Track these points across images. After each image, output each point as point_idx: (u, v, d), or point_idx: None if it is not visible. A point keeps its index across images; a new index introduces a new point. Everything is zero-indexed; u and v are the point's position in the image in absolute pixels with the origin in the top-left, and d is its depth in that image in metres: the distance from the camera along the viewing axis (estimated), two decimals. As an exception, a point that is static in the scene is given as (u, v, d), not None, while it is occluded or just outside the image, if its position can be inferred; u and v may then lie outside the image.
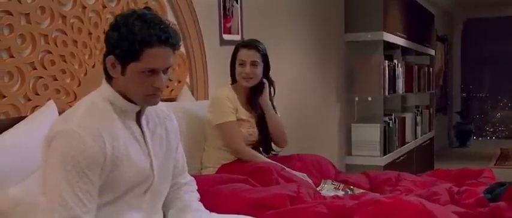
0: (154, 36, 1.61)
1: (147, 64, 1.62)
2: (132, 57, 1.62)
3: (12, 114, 2.11)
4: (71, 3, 2.37)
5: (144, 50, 1.61)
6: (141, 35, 1.60)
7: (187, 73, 3.09)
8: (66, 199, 1.55)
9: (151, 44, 1.61)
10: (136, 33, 1.60)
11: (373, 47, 5.12)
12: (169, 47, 1.65)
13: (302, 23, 4.47)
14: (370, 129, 5.14)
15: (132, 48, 1.60)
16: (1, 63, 2.08)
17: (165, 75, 1.69)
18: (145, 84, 1.65)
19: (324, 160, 2.79)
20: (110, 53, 1.65)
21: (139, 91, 1.66)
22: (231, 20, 3.52)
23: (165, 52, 1.64)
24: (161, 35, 1.62)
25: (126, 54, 1.62)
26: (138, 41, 1.60)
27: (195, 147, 2.70)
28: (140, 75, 1.64)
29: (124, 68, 1.64)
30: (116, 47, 1.63)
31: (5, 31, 2.09)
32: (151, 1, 2.82)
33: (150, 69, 1.63)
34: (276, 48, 4.05)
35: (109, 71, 1.68)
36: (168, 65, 1.68)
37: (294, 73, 4.39)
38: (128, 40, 1.60)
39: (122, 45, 1.61)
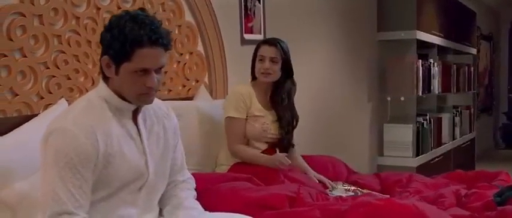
0: (145, 37, 1.64)
1: (139, 64, 1.66)
2: (124, 57, 1.65)
3: (24, 112, 2.20)
4: (84, 4, 2.44)
5: (135, 50, 1.64)
6: (131, 35, 1.63)
7: (206, 72, 3.13)
8: (59, 194, 1.61)
9: (142, 44, 1.64)
10: (127, 33, 1.63)
11: (406, 45, 5.03)
12: (161, 47, 1.68)
13: (332, 22, 4.44)
14: (402, 130, 5.06)
15: (124, 49, 1.64)
16: (14, 62, 2.16)
17: (158, 75, 1.72)
18: (138, 84, 1.69)
19: (337, 161, 2.77)
20: (105, 53, 1.70)
21: (133, 90, 1.70)
22: (252, 19, 3.54)
23: (156, 52, 1.67)
24: (152, 35, 1.65)
25: (119, 54, 1.66)
26: (129, 41, 1.64)
27: (209, 146, 2.72)
28: (133, 75, 1.68)
29: (117, 68, 1.68)
30: (109, 47, 1.68)
31: (17, 32, 2.17)
32: (168, 1, 2.87)
33: (141, 69, 1.67)
34: (302, 48, 4.05)
35: (104, 71, 1.73)
36: (160, 65, 1.71)
37: (323, 72, 4.37)
38: (119, 41, 1.64)
39: (114, 46, 1.65)
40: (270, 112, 2.69)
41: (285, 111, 2.71)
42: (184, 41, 2.98)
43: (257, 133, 2.64)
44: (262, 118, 2.66)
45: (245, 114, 2.65)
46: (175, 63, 2.93)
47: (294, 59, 3.91)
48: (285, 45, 2.76)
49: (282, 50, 2.71)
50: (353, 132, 4.85)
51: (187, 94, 3.00)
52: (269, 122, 2.68)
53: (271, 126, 2.68)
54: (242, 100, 2.65)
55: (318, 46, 4.30)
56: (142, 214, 1.81)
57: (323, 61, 4.38)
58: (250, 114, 2.66)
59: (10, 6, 2.15)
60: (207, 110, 2.77)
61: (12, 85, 2.16)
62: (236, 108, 2.63)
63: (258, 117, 2.66)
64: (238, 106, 2.63)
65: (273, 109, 2.72)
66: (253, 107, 2.67)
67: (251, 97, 2.68)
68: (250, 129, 2.64)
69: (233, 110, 2.62)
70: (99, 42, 1.75)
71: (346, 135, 4.72)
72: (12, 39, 2.15)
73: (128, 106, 1.75)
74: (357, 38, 4.81)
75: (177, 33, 2.93)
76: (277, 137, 2.69)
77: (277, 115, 2.71)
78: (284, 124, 2.71)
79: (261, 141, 2.66)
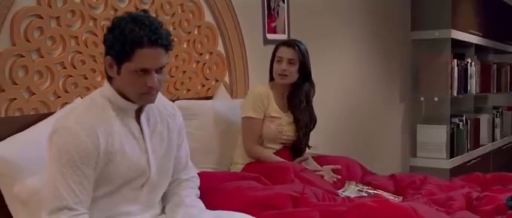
0: (145, 37, 1.68)
1: (139, 64, 1.70)
2: (125, 57, 1.70)
3: (41, 110, 2.28)
4: (102, 6, 2.51)
5: (135, 51, 1.69)
6: (131, 36, 1.68)
7: (226, 72, 3.16)
8: (60, 190, 1.67)
9: (142, 44, 1.68)
10: (127, 34, 1.68)
11: (441, 45, 4.93)
12: (161, 47, 1.72)
13: (362, 22, 4.40)
14: (436, 130, 4.97)
15: (124, 49, 1.69)
16: (31, 63, 2.25)
17: (159, 75, 1.76)
18: (139, 83, 1.73)
19: (351, 161, 2.75)
20: (107, 54, 1.75)
21: (134, 90, 1.75)
22: (276, 19, 3.55)
23: (156, 52, 1.71)
24: (151, 35, 1.69)
25: (120, 54, 1.70)
26: (129, 42, 1.68)
27: (225, 145, 2.75)
28: (133, 75, 1.72)
29: (119, 68, 1.73)
30: (111, 47, 1.73)
31: (35, 33, 2.26)
32: (188, 2, 2.92)
33: (142, 69, 1.71)
34: (328, 47, 4.04)
35: (107, 71, 1.78)
36: (160, 65, 1.74)
37: (352, 72, 4.34)
38: (120, 41, 1.69)
39: (115, 46, 1.70)
40: (286, 113, 2.70)
41: (303, 113, 2.72)
42: (204, 41, 3.01)
43: (272, 134, 2.66)
44: (279, 120, 2.68)
45: (263, 114, 2.66)
46: (195, 63, 2.97)
47: (320, 59, 3.93)
48: (304, 47, 2.76)
49: (300, 51, 2.71)
50: (384, 133, 4.79)
51: (207, 93, 3.04)
52: (285, 124, 2.69)
53: (287, 128, 2.69)
54: (260, 101, 2.66)
55: (346, 45, 4.27)
56: (144, 211, 1.86)
57: (352, 61, 4.35)
58: (267, 114, 2.67)
59: (28, 8, 2.24)
60: (224, 109, 2.80)
61: (29, 84, 2.25)
62: (254, 108, 2.65)
63: (275, 118, 2.67)
64: (256, 106, 2.65)
65: (290, 111, 2.72)
66: (271, 108, 2.68)
67: (269, 98, 2.69)
68: (265, 130, 2.65)
69: (251, 110, 2.64)
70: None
71: (377, 135, 4.67)
72: (29, 41, 2.24)
73: (131, 105, 1.80)
74: (389, 37, 4.74)
75: (197, 34, 2.97)
76: (293, 139, 2.69)
77: (293, 117, 2.71)
78: (301, 126, 2.72)
79: (276, 142, 2.67)
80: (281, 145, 2.68)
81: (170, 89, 2.85)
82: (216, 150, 2.68)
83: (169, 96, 2.80)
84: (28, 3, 2.24)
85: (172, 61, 2.85)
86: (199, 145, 2.61)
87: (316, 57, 3.91)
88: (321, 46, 3.97)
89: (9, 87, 2.18)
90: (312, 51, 3.86)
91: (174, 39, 1.81)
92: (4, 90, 2.17)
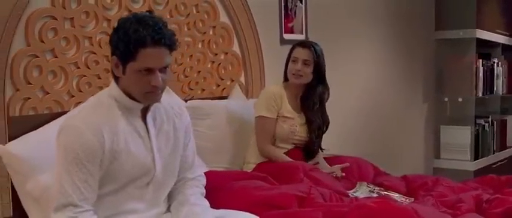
0: (148, 37, 1.71)
1: (143, 64, 1.73)
2: (129, 57, 1.73)
3: (55, 109, 2.34)
4: (116, 7, 2.55)
5: (139, 50, 1.71)
6: (135, 36, 1.71)
7: (242, 72, 3.17)
8: (65, 187, 1.71)
9: (146, 44, 1.71)
10: (131, 34, 1.71)
11: (466, 45, 4.85)
12: (164, 47, 1.74)
13: (384, 21, 4.36)
14: (460, 132, 4.89)
15: (128, 49, 1.72)
16: (45, 63, 2.30)
17: (163, 74, 1.78)
18: (143, 83, 1.75)
19: (363, 161, 2.74)
20: (113, 54, 1.78)
21: (139, 89, 1.77)
22: (293, 19, 3.55)
23: (159, 52, 1.73)
24: (154, 35, 1.71)
25: (124, 54, 1.73)
26: (133, 42, 1.71)
27: (238, 144, 2.77)
28: (138, 74, 1.75)
29: (124, 68, 1.76)
30: (116, 48, 1.76)
31: (49, 34, 2.31)
32: (202, 3, 2.94)
33: (146, 68, 1.73)
34: (347, 47, 4.02)
35: (113, 71, 1.81)
36: (164, 64, 1.76)
37: (373, 72, 4.31)
38: (124, 41, 1.72)
39: (120, 46, 1.74)
40: (299, 114, 2.70)
41: (316, 115, 2.72)
42: (219, 41, 3.03)
43: (285, 134, 2.66)
44: (291, 120, 2.68)
45: (276, 114, 2.67)
46: (210, 63, 3.00)
47: (339, 59, 3.92)
48: (319, 49, 2.75)
49: (316, 53, 2.71)
50: (407, 134, 4.74)
51: (222, 93, 3.06)
52: (297, 124, 2.69)
53: (300, 129, 2.69)
54: (274, 100, 2.67)
55: (367, 46, 4.23)
56: (149, 209, 1.88)
57: (373, 61, 4.31)
58: (280, 114, 2.68)
59: (42, 9, 2.29)
60: (237, 109, 2.81)
61: (43, 84, 2.30)
62: (268, 107, 2.66)
63: (287, 118, 2.68)
64: (270, 105, 2.66)
65: (303, 112, 2.72)
66: (284, 108, 2.69)
67: (282, 98, 2.70)
68: (278, 129, 2.66)
69: (265, 109, 2.66)
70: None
71: (399, 136, 4.62)
72: (43, 41, 2.29)
73: (137, 105, 1.83)
74: (412, 37, 4.69)
75: (212, 34, 2.99)
76: (304, 140, 2.69)
77: (306, 119, 2.71)
78: (314, 128, 2.72)
79: (288, 142, 2.68)
80: (293, 145, 2.68)
81: (184, 89, 2.88)
82: (228, 150, 2.69)
83: (183, 96, 2.83)
84: (42, 4, 2.30)
85: (187, 62, 2.88)
86: (212, 145, 2.63)
87: (335, 57, 3.90)
88: (340, 46, 3.95)
89: (23, 87, 2.24)
90: (331, 51, 3.86)
91: (177, 39, 1.83)
92: (18, 89, 2.23)
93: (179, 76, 2.85)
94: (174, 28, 2.80)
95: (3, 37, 2.16)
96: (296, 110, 2.73)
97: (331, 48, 3.87)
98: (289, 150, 2.66)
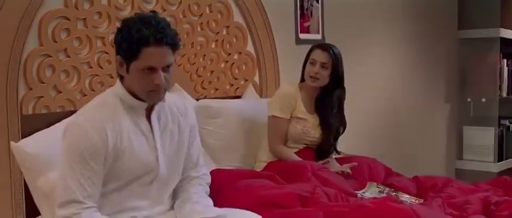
0: (151, 36, 1.74)
1: (145, 63, 1.76)
2: (132, 56, 1.76)
3: (68, 108, 2.39)
4: (128, 8, 2.59)
5: (141, 49, 1.74)
6: (138, 35, 1.74)
7: (256, 72, 3.19)
8: (69, 183, 1.75)
9: (148, 43, 1.74)
10: (134, 34, 1.74)
11: (489, 44, 4.77)
12: (166, 46, 1.77)
13: (404, 21, 4.32)
14: (483, 133, 4.82)
15: (131, 48, 1.75)
16: (58, 62, 2.36)
17: (166, 73, 1.80)
18: (146, 81, 1.78)
19: (375, 162, 2.73)
20: (117, 53, 1.82)
21: (141, 87, 1.80)
22: (309, 19, 3.55)
23: (161, 51, 1.76)
24: (156, 34, 1.74)
25: (127, 53, 1.77)
26: (136, 41, 1.74)
27: (249, 143, 2.78)
28: (141, 73, 1.78)
29: (128, 67, 1.80)
30: (119, 47, 1.79)
31: (62, 34, 2.36)
32: (216, 3, 2.96)
33: (148, 67, 1.76)
34: (365, 48, 4.00)
35: (118, 70, 1.85)
36: (166, 63, 1.79)
37: (392, 73, 4.27)
38: (127, 41, 1.75)
39: (123, 46, 1.77)
40: (312, 115, 2.70)
41: (334, 118, 2.71)
42: (233, 41, 3.05)
43: (297, 135, 2.67)
44: (304, 121, 2.68)
45: (289, 115, 2.68)
46: (223, 62, 3.02)
47: (357, 59, 3.90)
48: (338, 52, 2.74)
49: (334, 56, 2.70)
50: (428, 134, 4.68)
51: (235, 93, 3.07)
52: (311, 126, 2.69)
53: (313, 130, 2.68)
54: (288, 101, 2.68)
55: (386, 45, 4.20)
56: (153, 206, 1.91)
57: (393, 61, 4.28)
58: (293, 115, 2.69)
59: (55, 10, 2.35)
60: (249, 109, 2.82)
61: (56, 83, 2.36)
62: (281, 107, 2.66)
63: (301, 119, 2.68)
64: (284, 106, 2.67)
65: (317, 114, 2.71)
66: (298, 109, 2.69)
67: (296, 99, 2.70)
68: (291, 130, 2.67)
69: (278, 109, 2.66)
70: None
71: (419, 136, 4.57)
72: (56, 41, 2.34)
73: (141, 104, 1.86)
74: (434, 36, 4.63)
75: (225, 34, 3.01)
76: (317, 141, 2.69)
77: (321, 121, 2.70)
78: (332, 131, 2.71)
79: (299, 142, 2.68)
80: (304, 145, 2.68)
81: (197, 88, 2.91)
82: (239, 148, 2.71)
83: (195, 95, 2.86)
84: (55, 5, 2.35)
85: (200, 61, 2.91)
86: (222, 143, 2.65)
87: (353, 57, 3.89)
88: (358, 46, 3.93)
89: (36, 86, 2.30)
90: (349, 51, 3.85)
91: (180, 38, 1.85)
92: (31, 88, 2.29)
93: (192, 75, 2.88)
94: (187, 28, 2.84)
95: (16, 37, 2.22)
96: (310, 111, 2.73)
97: (349, 47, 3.85)
98: (300, 150, 2.66)
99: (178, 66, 2.81)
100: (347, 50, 3.83)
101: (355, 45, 3.89)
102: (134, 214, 1.88)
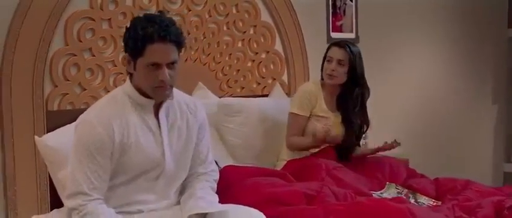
0: (155, 33, 1.80)
1: (150, 59, 1.82)
2: (138, 52, 1.83)
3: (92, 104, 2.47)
4: (153, 8, 2.67)
5: (146, 46, 1.81)
6: (143, 32, 1.81)
7: (284, 71, 3.20)
8: (76, 176, 1.83)
9: (153, 40, 1.81)
10: (139, 31, 1.81)
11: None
12: (170, 43, 1.83)
13: (447, 19, 4.21)
14: (534, 135, 4.62)
15: (137, 45, 1.82)
16: (83, 61, 2.47)
17: (171, 70, 1.86)
18: (151, 77, 1.84)
19: (397, 162, 2.69)
20: (125, 51, 1.89)
21: (147, 84, 1.87)
22: (342, 18, 3.53)
23: (165, 48, 1.82)
24: (160, 32, 1.81)
25: (134, 50, 1.84)
26: (141, 38, 1.81)
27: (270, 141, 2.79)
28: (146, 69, 1.84)
29: (135, 64, 1.87)
30: (126, 45, 1.87)
31: (87, 34, 2.47)
32: (243, 3, 3.00)
33: (152, 63, 1.82)
34: (403, 47, 3.94)
35: (126, 68, 1.92)
36: (170, 60, 1.84)
37: (433, 73, 4.18)
38: (133, 38, 1.83)
39: (130, 43, 1.84)
40: (334, 113, 2.69)
41: (356, 117, 2.70)
42: (260, 40, 3.08)
43: (318, 133, 2.66)
44: (325, 119, 2.68)
45: (309, 112, 2.68)
46: (250, 61, 3.06)
47: (394, 59, 3.84)
48: (356, 50, 2.71)
49: (351, 53, 2.68)
50: (473, 136, 4.54)
51: (262, 91, 3.10)
52: (332, 124, 2.68)
53: (334, 128, 2.67)
54: (307, 99, 2.68)
55: (427, 45, 4.11)
56: (159, 200, 1.97)
57: (434, 61, 4.18)
58: (314, 113, 2.69)
59: (81, 11, 2.46)
60: (271, 108, 2.83)
61: (81, 81, 2.47)
62: (300, 105, 2.68)
63: (321, 117, 2.68)
64: (303, 104, 2.68)
65: (339, 112, 2.71)
66: (318, 107, 2.69)
67: (317, 97, 2.70)
68: (311, 128, 2.67)
69: (297, 107, 2.68)
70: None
71: (463, 138, 4.44)
72: (81, 41, 2.45)
73: (149, 101, 1.92)
74: (480, 35, 4.49)
75: (252, 33, 3.05)
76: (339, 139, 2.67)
77: (343, 119, 2.69)
78: (355, 129, 2.70)
79: None
80: (326, 144, 2.67)
81: (222, 86, 2.96)
82: (258, 146, 2.74)
83: (221, 94, 2.92)
84: (81, 6, 2.46)
85: (225, 60, 2.95)
86: (241, 141, 2.69)
87: (389, 56, 3.85)
88: (395, 45, 3.88)
89: (61, 83, 2.42)
90: (385, 50, 3.81)
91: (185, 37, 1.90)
92: (57, 85, 2.41)
93: (217, 74, 2.93)
94: (213, 27, 2.89)
95: (42, 37, 2.34)
96: (331, 109, 2.72)
97: (385, 47, 3.82)
98: (321, 149, 2.65)
99: (203, 65, 2.87)
100: (383, 49, 3.80)
101: (392, 44, 3.83)
102: (140, 207, 1.94)
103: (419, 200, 2.38)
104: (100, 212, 1.82)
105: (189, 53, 2.81)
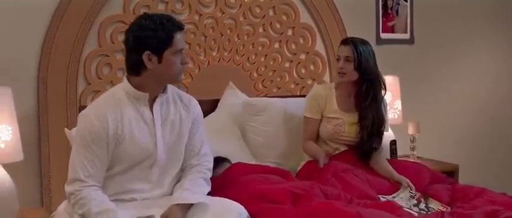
0: (175, 25, 2.01)
1: (178, 46, 2.01)
2: (166, 44, 1.99)
3: (123, 101, 2.70)
4: (186, 11, 2.83)
5: (173, 36, 2.00)
6: (169, 25, 2.00)
7: (325, 72, 3.20)
8: (75, 164, 2.03)
9: (177, 29, 2.01)
10: (165, 24, 1.99)
11: None
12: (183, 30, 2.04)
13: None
14: None
15: (167, 36, 1.99)
16: (115, 61, 2.68)
17: None
18: (178, 62, 2.02)
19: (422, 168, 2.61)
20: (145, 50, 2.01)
21: (176, 69, 2.03)
22: (394, 18, 3.45)
23: (182, 35, 2.03)
24: (176, 23, 2.01)
25: (163, 43, 1.99)
26: (168, 30, 1.99)
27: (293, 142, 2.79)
28: (174, 57, 2.01)
29: (161, 57, 2.00)
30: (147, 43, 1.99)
31: (119, 37, 2.68)
32: (280, 4, 3.06)
33: (180, 49, 2.02)
34: (463, 48, 3.77)
35: (146, 64, 2.03)
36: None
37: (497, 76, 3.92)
38: (163, 31, 1.99)
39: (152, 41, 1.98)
40: (348, 114, 2.65)
41: (368, 112, 2.62)
42: (299, 41, 3.12)
43: (329, 134, 2.64)
44: (336, 120, 2.64)
45: (319, 115, 2.67)
46: (287, 62, 3.10)
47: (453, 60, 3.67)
48: (361, 44, 2.64)
49: (356, 49, 2.62)
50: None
51: (301, 92, 3.13)
52: (344, 124, 2.64)
53: (348, 129, 2.63)
54: (317, 102, 2.68)
55: (489, 46, 3.88)
56: (153, 189, 2.11)
57: (498, 63, 3.93)
58: (325, 115, 2.68)
59: (114, 16, 2.68)
60: (296, 108, 2.82)
61: (113, 79, 2.69)
62: (310, 108, 2.69)
63: (332, 118, 2.65)
64: (312, 106, 2.69)
65: (357, 112, 2.66)
66: (328, 109, 2.67)
67: (327, 99, 2.68)
68: (322, 129, 2.67)
69: (308, 110, 2.70)
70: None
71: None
72: (113, 43, 2.67)
73: (144, 95, 2.07)
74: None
75: (290, 34, 3.09)
76: (354, 140, 2.63)
77: (359, 118, 2.65)
78: (366, 125, 2.62)
79: (335, 142, 2.64)
80: (345, 146, 2.64)
81: (257, 86, 3.03)
82: (280, 146, 2.76)
83: (255, 93, 3.00)
84: (115, 11, 2.68)
85: (261, 60, 3.03)
86: (264, 140, 2.74)
87: (448, 58, 3.68)
88: (455, 47, 3.72)
89: (94, 81, 2.65)
90: (443, 52, 3.65)
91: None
92: (90, 83, 2.64)
93: (252, 74, 3.02)
94: (248, 29, 2.98)
95: (77, 38, 2.59)
96: (344, 109, 2.66)
97: (444, 49, 3.67)
98: (341, 152, 2.63)
99: (237, 65, 2.97)
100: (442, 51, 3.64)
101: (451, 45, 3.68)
102: (134, 195, 2.10)
103: (430, 205, 2.30)
104: (92, 198, 1.99)
105: (222, 53, 2.92)
